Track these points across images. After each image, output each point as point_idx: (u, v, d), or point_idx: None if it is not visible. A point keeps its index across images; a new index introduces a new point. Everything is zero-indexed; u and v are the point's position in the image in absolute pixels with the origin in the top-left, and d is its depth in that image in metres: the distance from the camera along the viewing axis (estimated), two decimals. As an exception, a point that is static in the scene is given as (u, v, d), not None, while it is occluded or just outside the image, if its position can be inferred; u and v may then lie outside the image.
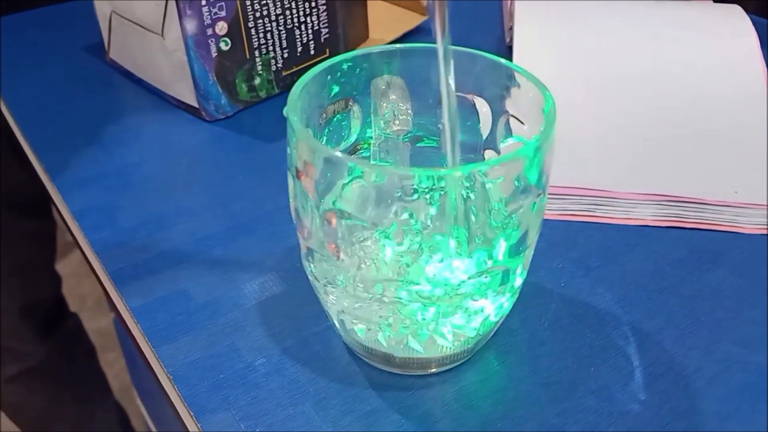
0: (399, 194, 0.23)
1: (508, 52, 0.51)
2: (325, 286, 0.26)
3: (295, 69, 0.47)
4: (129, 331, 0.31)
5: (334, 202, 0.24)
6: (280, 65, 0.45)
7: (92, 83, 0.49)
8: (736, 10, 0.49)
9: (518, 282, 0.26)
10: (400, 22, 0.55)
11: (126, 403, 0.98)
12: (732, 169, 0.38)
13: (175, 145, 0.42)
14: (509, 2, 0.54)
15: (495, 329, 0.28)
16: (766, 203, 0.36)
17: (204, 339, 0.29)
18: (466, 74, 0.28)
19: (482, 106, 0.29)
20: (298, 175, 0.24)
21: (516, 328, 0.30)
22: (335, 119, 0.29)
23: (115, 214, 0.37)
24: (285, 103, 0.47)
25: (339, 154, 0.22)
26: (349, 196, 0.24)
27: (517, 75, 0.26)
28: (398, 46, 0.28)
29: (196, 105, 0.43)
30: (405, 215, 0.23)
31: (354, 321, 0.26)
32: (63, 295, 0.83)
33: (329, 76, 0.27)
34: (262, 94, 0.46)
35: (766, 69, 0.43)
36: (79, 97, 0.47)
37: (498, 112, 0.28)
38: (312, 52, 0.47)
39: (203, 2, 0.40)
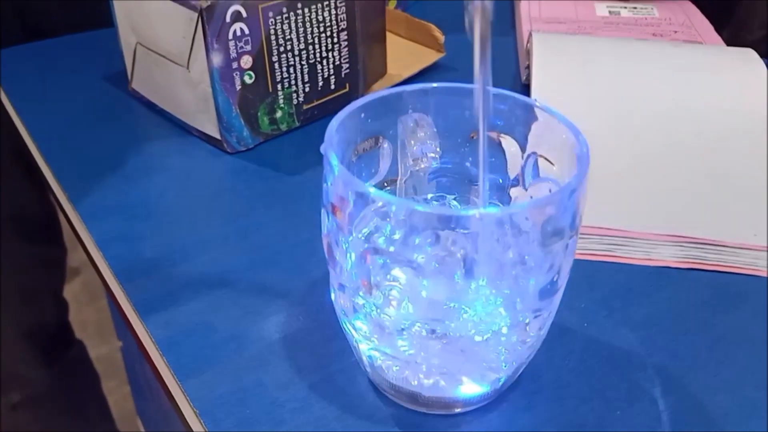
0: (434, 234, 0.23)
1: (524, 90, 0.52)
2: (353, 321, 0.26)
3: (315, 103, 0.47)
4: (152, 363, 0.31)
5: (368, 240, 0.24)
6: (301, 99, 0.46)
7: (114, 112, 0.50)
8: (750, 53, 0.50)
9: (547, 324, 0.26)
10: (417, 59, 0.55)
11: (127, 432, 0.97)
12: (750, 212, 0.39)
13: (197, 176, 0.43)
14: (525, 41, 0.54)
15: (521, 370, 0.28)
16: (785, 247, 0.36)
17: (229, 373, 0.29)
18: (495, 113, 0.28)
19: (510, 146, 0.29)
20: (333, 211, 0.24)
21: (541, 369, 0.30)
22: (366, 155, 0.29)
23: (139, 244, 0.37)
24: (305, 136, 0.47)
25: (377, 192, 0.23)
26: (384, 234, 0.24)
27: (548, 116, 0.27)
28: (430, 85, 0.28)
29: (218, 137, 0.44)
30: (439, 255, 0.23)
31: (382, 358, 0.26)
32: (69, 322, 0.82)
33: (363, 114, 0.27)
34: (283, 127, 0.46)
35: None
36: (102, 126, 0.48)
37: (526, 152, 0.28)
38: (332, 86, 0.48)
39: (230, 36, 0.40)
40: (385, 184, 0.30)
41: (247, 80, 0.42)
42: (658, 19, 0.60)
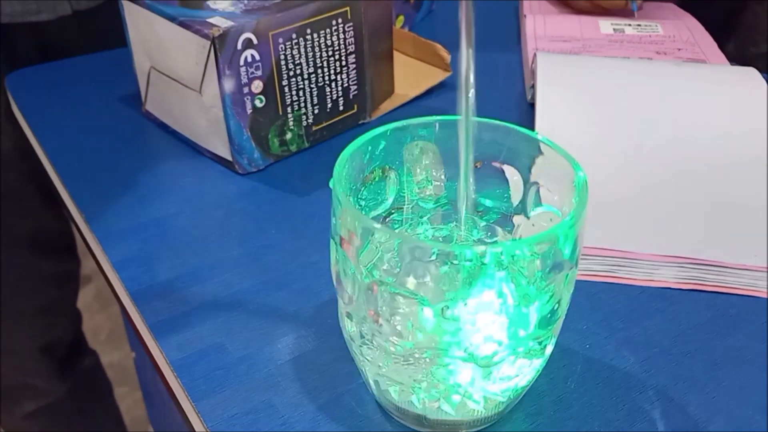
0: (438, 266, 0.24)
1: (529, 108, 0.53)
2: (360, 346, 0.27)
3: (324, 124, 0.48)
4: (167, 384, 0.32)
5: (375, 271, 0.25)
6: (310, 121, 0.47)
7: (129, 133, 0.51)
8: (753, 72, 0.50)
9: (548, 350, 0.27)
10: (424, 78, 0.56)
11: (139, 440, 0.98)
12: (751, 232, 0.39)
13: (210, 197, 0.44)
14: (530, 60, 0.55)
15: (524, 392, 0.29)
16: (785, 268, 0.37)
17: (241, 394, 0.30)
18: (498, 144, 0.29)
19: (512, 175, 0.30)
20: (341, 243, 0.25)
21: (544, 390, 0.31)
22: (373, 184, 0.30)
23: (153, 266, 0.38)
24: (314, 156, 0.48)
25: (382, 228, 0.24)
26: (390, 266, 0.25)
27: (547, 148, 0.28)
28: (435, 118, 0.29)
29: (229, 158, 0.45)
30: (442, 287, 0.24)
31: (388, 382, 0.27)
32: (82, 333, 0.84)
33: (370, 147, 0.28)
34: (293, 148, 0.47)
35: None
36: (117, 147, 0.49)
37: (528, 181, 0.29)
38: (341, 108, 0.49)
39: (241, 62, 0.42)
40: (392, 212, 0.31)
41: (258, 104, 0.44)
42: (663, 36, 0.61)
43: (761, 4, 0.74)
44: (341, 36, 0.46)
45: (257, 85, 0.43)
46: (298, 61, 0.44)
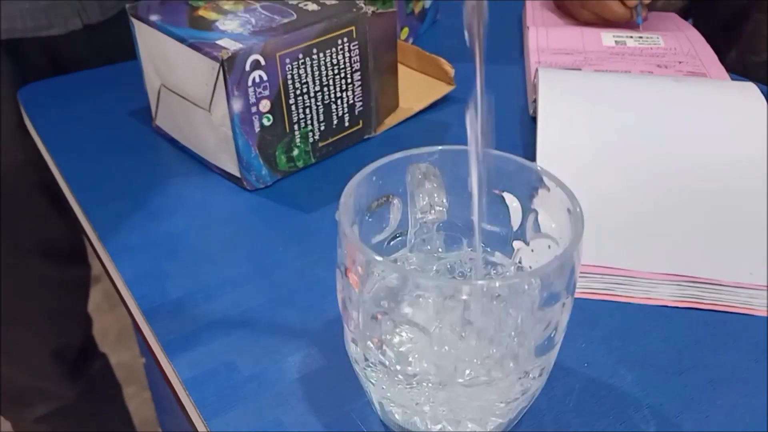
0: (438, 300, 0.25)
1: (531, 122, 0.54)
2: (364, 369, 0.28)
3: (330, 140, 0.49)
4: (179, 401, 0.34)
5: (379, 301, 0.26)
6: (317, 137, 0.48)
7: (139, 148, 0.52)
8: (751, 88, 0.51)
9: (545, 374, 0.28)
10: (428, 91, 0.57)
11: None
12: (747, 250, 0.40)
13: (218, 214, 0.45)
14: (533, 74, 0.56)
15: (523, 413, 0.30)
16: (780, 285, 0.38)
17: (251, 412, 0.31)
18: (498, 173, 0.30)
19: (512, 202, 0.31)
20: (346, 272, 0.26)
21: (542, 409, 0.32)
22: (378, 210, 0.31)
23: (165, 283, 0.39)
24: (320, 171, 0.50)
25: (385, 261, 0.25)
26: (393, 296, 0.26)
27: (545, 178, 0.29)
28: (438, 148, 0.30)
29: (238, 175, 0.46)
30: (443, 318, 0.25)
31: (392, 404, 0.28)
32: (93, 336, 0.85)
33: (375, 177, 0.29)
34: (300, 164, 0.48)
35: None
36: (127, 161, 0.50)
37: (527, 208, 0.30)
38: (347, 124, 0.50)
39: (249, 83, 0.43)
40: (397, 236, 0.32)
41: (266, 123, 0.45)
42: (664, 48, 0.61)
43: (762, 14, 0.74)
44: (347, 54, 0.47)
45: (265, 105, 0.44)
46: (305, 80, 0.45)
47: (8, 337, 0.71)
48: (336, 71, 0.47)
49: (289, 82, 0.45)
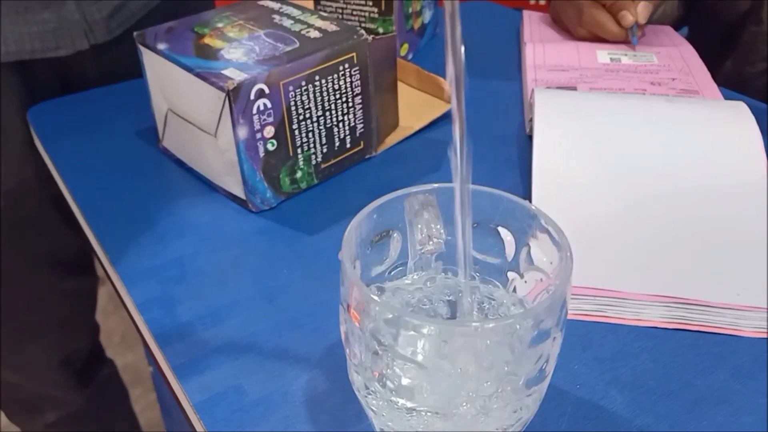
0: (434, 339, 0.27)
1: (528, 140, 0.56)
2: (366, 396, 0.30)
3: (332, 161, 0.51)
4: (191, 425, 0.35)
5: (379, 337, 0.28)
6: (319, 159, 0.50)
7: (146, 168, 0.54)
8: (741, 107, 0.52)
9: (537, 403, 0.29)
10: (427, 110, 0.59)
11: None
12: (734, 271, 0.42)
13: (225, 237, 0.47)
14: (529, 93, 0.58)
15: (518, 436, 0.31)
16: (766, 307, 0.39)
17: (259, 436, 0.33)
18: (492, 209, 0.32)
19: (506, 235, 0.33)
20: (348, 309, 0.28)
21: (537, 430, 0.33)
22: (378, 243, 0.33)
23: (174, 307, 0.41)
24: (323, 191, 0.51)
25: (385, 303, 0.26)
26: (392, 333, 0.28)
27: (538, 216, 0.30)
28: (436, 185, 0.32)
29: (243, 197, 0.48)
30: (440, 354, 0.27)
31: (393, 431, 0.30)
32: (100, 343, 0.87)
33: (376, 215, 0.31)
34: (303, 185, 0.50)
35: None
36: (135, 182, 0.52)
37: (521, 242, 0.32)
38: (348, 145, 0.51)
39: (254, 111, 0.44)
40: (397, 266, 0.34)
41: (270, 148, 0.46)
42: (658, 65, 0.63)
43: (757, 26, 0.76)
44: (348, 80, 0.49)
45: (269, 131, 0.46)
46: (308, 106, 0.47)
47: (19, 347, 0.73)
48: (338, 96, 0.49)
49: (293, 108, 0.46)
